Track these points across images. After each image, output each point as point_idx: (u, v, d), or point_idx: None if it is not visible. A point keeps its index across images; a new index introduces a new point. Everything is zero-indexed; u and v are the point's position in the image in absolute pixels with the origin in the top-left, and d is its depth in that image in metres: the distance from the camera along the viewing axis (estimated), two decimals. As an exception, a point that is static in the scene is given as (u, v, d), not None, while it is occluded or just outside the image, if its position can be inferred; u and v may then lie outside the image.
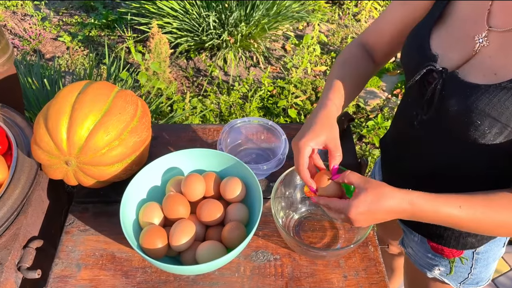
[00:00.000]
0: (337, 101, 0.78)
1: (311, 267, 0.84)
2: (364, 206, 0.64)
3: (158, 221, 0.81)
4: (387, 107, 2.44)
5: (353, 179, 0.67)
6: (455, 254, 0.90)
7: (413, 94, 0.78)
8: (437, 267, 0.94)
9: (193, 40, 2.59)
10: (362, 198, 0.64)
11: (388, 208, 0.64)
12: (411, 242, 0.97)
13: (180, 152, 0.87)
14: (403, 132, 0.86)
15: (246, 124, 1.01)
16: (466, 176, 0.76)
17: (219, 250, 0.78)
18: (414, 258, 0.99)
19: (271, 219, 0.91)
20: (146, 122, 0.90)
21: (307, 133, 0.72)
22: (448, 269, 0.93)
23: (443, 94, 0.69)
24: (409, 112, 0.81)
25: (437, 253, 0.92)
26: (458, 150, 0.74)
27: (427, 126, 0.76)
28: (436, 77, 0.69)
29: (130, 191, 0.81)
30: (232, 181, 0.85)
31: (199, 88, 2.55)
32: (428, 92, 0.71)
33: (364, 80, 0.87)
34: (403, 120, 0.86)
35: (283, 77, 2.62)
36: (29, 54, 2.75)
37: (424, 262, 0.96)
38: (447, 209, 0.64)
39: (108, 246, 0.85)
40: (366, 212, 0.65)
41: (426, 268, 0.96)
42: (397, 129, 0.90)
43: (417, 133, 0.80)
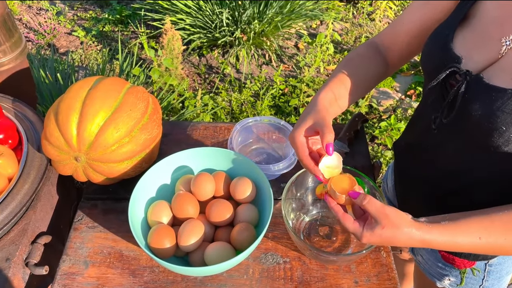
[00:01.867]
0: (336, 90, 0.77)
1: (321, 271, 0.82)
2: (377, 239, 0.63)
3: (167, 220, 0.80)
4: (401, 108, 2.41)
5: (370, 208, 0.64)
6: (466, 264, 0.87)
7: (433, 97, 0.75)
8: (447, 277, 0.91)
9: (206, 37, 2.58)
10: (377, 232, 0.63)
11: (401, 243, 0.63)
12: (421, 250, 0.95)
13: (190, 151, 0.86)
14: (419, 137, 0.83)
15: (258, 123, 1.00)
16: (484, 185, 0.73)
17: (228, 251, 0.77)
18: (424, 266, 0.96)
19: (281, 220, 0.89)
20: (157, 119, 0.89)
21: (298, 126, 0.71)
22: (458, 279, 0.90)
23: (466, 98, 0.66)
24: (427, 115, 0.78)
25: (447, 263, 0.89)
26: (478, 157, 0.71)
27: (446, 131, 0.74)
28: (460, 80, 0.66)
29: (139, 188, 0.80)
30: (242, 181, 0.84)
31: (211, 85, 2.54)
32: (450, 95, 0.68)
33: (372, 81, 0.84)
34: (420, 124, 0.83)
35: (295, 76, 2.60)
36: (43, 48, 2.77)
37: (434, 271, 0.94)
38: (466, 240, 0.62)
39: (116, 244, 0.84)
40: (378, 242, 0.64)
41: (435, 278, 0.94)
42: (413, 133, 0.87)
43: (434, 138, 0.77)
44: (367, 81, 0.83)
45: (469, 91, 0.65)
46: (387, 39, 0.85)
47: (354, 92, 0.79)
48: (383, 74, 0.85)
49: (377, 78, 0.85)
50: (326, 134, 0.68)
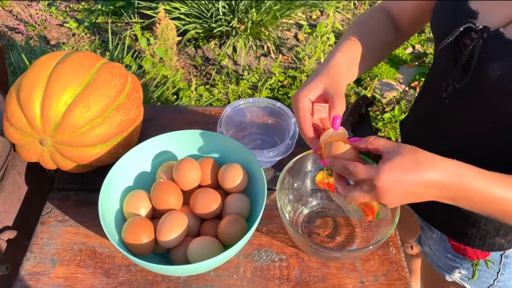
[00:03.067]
0: (348, 53, 0.67)
1: (322, 270, 0.72)
2: (398, 172, 0.50)
3: (145, 212, 0.70)
4: (404, 99, 2.30)
5: (380, 143, 0.54)
6: (479, 255, 0.77)
7: (445, 61, 0.66)
8: (458, 269, 0.81)
9: (202, 27, 2.47)
10: (396, 162, 0.50)
11: (428, 179, 0.50)
12: (429, 240, 0.85)
13: (173, 134, 0.76)
14: (429, 111, 0.74)
15: (251, 106, 0.90)
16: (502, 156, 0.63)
17: (215, 247, 0.67)
18: (431, 258, 0.86)
19: (276, 213, 0.79)
20: (136, 100, 0.79)
21: (305, 85, 0.61)
22: (470, 272, 0.80)
23: (483, 57, 0.57)
24: (437, 85, 0.69)
25: (458, 254, 0.79)
26: (495, 125, 0.62)
27: (459, 98, 0.65)
28: (475, 38, 0.58)
29: (113, 176, 0.70)
30: (232, 168, 0.74)
31: (207, 77, 2.44)
32: (464, 56, 0.59)
33: (384, 48, 0.75)
34: (430, 97, 0.74)
35: (294, 68, 2.50)
36: (33, 40, 2.67)
37: (443, 263, 0.83)
38: (500, 191, 0.51)
39: (88, 240, 0.74)
40: (400, 181, 0.50)
41: (445, 270, 0.84)
42: (422, 108, 0.78)
43: (446, 108, 0.68)
44: (380, 48, 0.74)
45: (486, 49, 0.57)
46: (396, 3, 0.76)
47: (367, 58, 0.69)
48: (394, 41, 0.76)
49: (389, 45, 0.75)
50: (337, 104, 0.58)
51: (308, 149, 0.74)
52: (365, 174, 0.53)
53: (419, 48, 2.61)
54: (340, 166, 0.56)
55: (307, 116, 0.60)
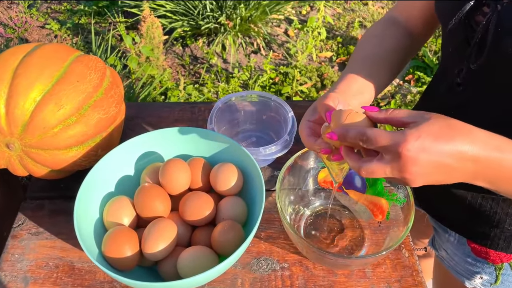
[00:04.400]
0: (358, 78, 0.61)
1: (328, 278, 0.65)
2: (429, 139, 0.41)
3: (128, 221, 0.62)
4: (399, 93, 2.25)
5: (402, 113, 0.45)
6: (503, 258, 0.70)
7: (455, 43, 0.60)
8: (479, 274, 0.74)
9: (189, 25, 2.39)
10: (426, 127, 0.42)
11: (464, 151, 0.42)
12: (446, 243, 0.78)
13: (158, 132, 0.68)
14: (439, 101, 0.67)
15: (244, 101, 0.82)
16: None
17: (209, 258, 0.59)
18: (448, 263, 0.79)
19: (276, 216, 0.72)
20: (116, 96, 0.71)
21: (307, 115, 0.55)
22: (493, 277, 0.73)
23: (499, 32, 0.51)
24: (449, 70, 0.63)
25: (479, 257, 0.72)
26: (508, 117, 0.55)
27: (474, 82, 0.58)
28: (488, 12, 0.52)
29: (91, 181, 0.62)
30: (225, 168, 0.66)
31: (196, 76, 2.36)
32: (477, 33, 0.53)
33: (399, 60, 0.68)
34: (440, 86, 0.67)
35: (286, 64, 2.43)
36: (13, 42, 2.57)
37: (462, 268, 0.76)
38: None
39: (66, 254, 0.66)
40: (430, 150, 0.41)
41: (464, 276, 0.77)
42: (432, 100, 0.71)
43: (459, 96, 0.62)
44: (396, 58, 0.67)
45: (501, 22, 0.50)
46: (403, 7, 0.71)
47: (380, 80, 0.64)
48: (409, 47, 0.70)
49: (403, 55, 0.69)
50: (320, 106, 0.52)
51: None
52: (389, 140, 0.42)
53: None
54: (355, 132, 0.44)
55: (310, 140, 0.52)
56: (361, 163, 0.45)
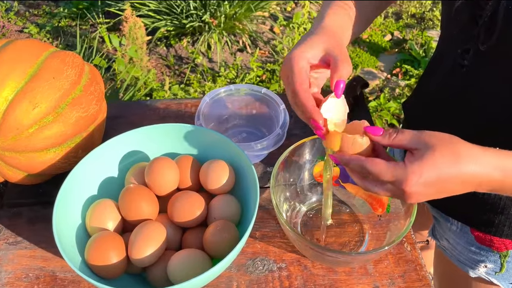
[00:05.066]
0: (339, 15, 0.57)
1: (329, 276, 0.61)
2: (433, 172, 0.41)
3: (113, 226, 0.58)
4: (388, 87, 2.23)
5: (404, 139, 0.44)
6: (508, 245, 0.68)
7: (460, 24, 0.57)
8: (483, 263, 0.72)
9: (172, 24, 2.35)
10: (429, 160, 0.41)
11: (466, 176, 0.42)
12: (447, 233, 0.75)
13: (143, 130, 0.64)
14: (440, 85, 0.64)
15: (232, 95, 0.78)
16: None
17: (201, 261, 0.55)
18: (451, 253, 0.76)
19: (271, 214, 0.68)
20: (96, 92, 0.66)
21: (300, 44, 0.50)
22: (498, 265, 0.70)
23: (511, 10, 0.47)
24: (451, 52, 0.60)
25: (484, 246, 0.70)
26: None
27: (480, 64, 0.55)
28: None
29: (71, 185, 0.57)
30: (215, 165, 0.62)
31: (181, 76, 2.31)
32: (486, 11, 0.50)
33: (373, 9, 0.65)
34: (442, 67, 0.64)
35: (273, 61, 2.40)
36: (-10, 48, 2.48)
37: (465, 257, 0.74)
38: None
39: (47, 264, 0.61)
40: (434, 182, 0.42)
41: (468, 266, 0.74)
42: (432, 82, 0.68)
43: (463, 79, 0.59)
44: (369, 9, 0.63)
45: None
46: None
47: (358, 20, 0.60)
48: None
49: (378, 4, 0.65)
50: (341, 66, 0.48)
51: (301, 138, 0.64)
52: (391, 177, 0.43)
53: (398, 35, 2.55)
54: (357, 166, 0.45)
55: (305, 79, 0.48)
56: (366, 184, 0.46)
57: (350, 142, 0.46)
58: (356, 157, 0.46)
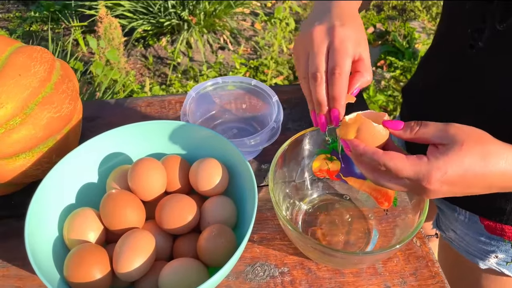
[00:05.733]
0: None
1: (336, 279, 0.56)
2: (459, 169, 0.38)
3: (95, 237, 0.52)
4: (374, 80, 2.21)
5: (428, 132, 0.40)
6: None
7: (470, 4, 0.52)
8: (494, 253, 0.68)
9: (150, 24, 2.27)
10: (456, 156, 0.38)
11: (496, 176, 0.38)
12: (454, 223, 0.71)
13: (124, 129, 0.58)
14: (447, 68, 0.60)
15: (221, 89, 0.73)
16: None
17: (196, 271, 0.50)
18: (458, 244, 0.73)
19: (269, 215, 0.63)
20: (69, 91, 0.60)
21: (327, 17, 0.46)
22: (509, 255, 0.67)
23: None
24: (459, 32, 0.55)
25: (494, 235, 0.66)
26: None
27: (498, 46, 0.51)
28: None
29: (45, 194, 0.51)
30: (207, 164, 0.57)
31: (162, 77, 2.24)
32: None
33: None
34: (447, 53, 0.60)
35: (255, 58, 2.35)
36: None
37: (474, 248, 0.70)
38: None
39: (22, 284, 0.54)
40: (458, 181, 0.38)
41: (477, 257, 0.70)
42: (438, 64, 0.64)
43: (473, 62, 0.55)
44: None
45: None
46: None
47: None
48: None
49: None
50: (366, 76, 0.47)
51: (296, 131, 0.59)
52: (412, 173, 0.39)
53: (380, 27, 2.54)
54: (371, 159, 0.41)
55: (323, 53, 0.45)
56: (378, 177, 0.42)
57: (372, 132, 0.42)
58: (372, 149, 0.41)
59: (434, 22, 2.56)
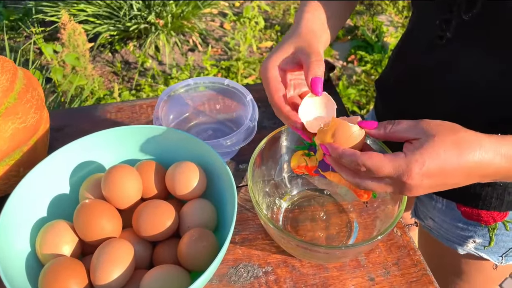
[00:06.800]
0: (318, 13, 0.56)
1: (320, 274, 0.56)
2: (436, 161, 0.38)
3: (70, 250, 0.49)
4: (345, 75, 2.24)
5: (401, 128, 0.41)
6: (496, 218, 0.66)
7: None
8: (472, 239, 0.70)
9: (115, 28, 2.22)
10: (430, 149, 0.38)
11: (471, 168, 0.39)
12: (432, 211, 0.72)
13: (94, 136, 0.56)
14: (417, 60, 0.61)
15: (193, 91, 0.72)
16: None
17: (178, 277, 0.48)
18: (437, 232, 0.74)
19: (249, 215, 0.62)
20: (34, 100, 0.57)
21: (273, 52, 0.51)
22: (486, 239, 0.69)
23: None
24: (428, 24, 0.56)
25: (471, 221, 0.68)
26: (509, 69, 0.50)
27: (464, 35, 0.52)
28: None
29: (14, 208, 0.48)
30: (183, 167, 0.55)
31: (130, 83, 2.20)
32: None
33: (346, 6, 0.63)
34: (417, 41, 0.61)
35: (226, 59, 2.33)
36: None
37: (453, 234, 0.71)
38: None
39: (-7, 305, 0.51)
40: (437, 173, 0.39)
41: (456, 243, 0.72)
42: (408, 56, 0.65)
43: (443, 51, 0.55)
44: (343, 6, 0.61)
45: None
46: None
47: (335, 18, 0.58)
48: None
49: None
50: (313, 63, 0.46)
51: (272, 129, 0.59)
52: (391, 169, 0.39)
53: (349, 22, 2.57)
54: (350, 161, 0.41)
55: (278, 87, 0.49)
56: (360, 180, 0.43)
57: (348, 133, 0.43)
58: (350, 150, 0.42)
59: (401, 15, 2.62)
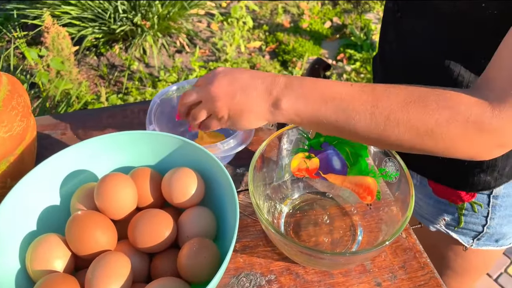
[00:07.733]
0: None
1: (325, 281, 0.54)
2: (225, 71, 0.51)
3: (62, 265, 0.47)
4: (335, 74, 2.23)
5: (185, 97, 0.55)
6: (464, 198, 0.65)
7: None
8: (442, 216, 0.70)
9: (101, 31, 2.17)
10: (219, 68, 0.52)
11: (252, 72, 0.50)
12: None
13: (85, 144, 0.53)
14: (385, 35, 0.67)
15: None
16: None
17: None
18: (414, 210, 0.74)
19: (248, 221, 0.60)
20: (19, 107, 0.54)
21: None
22: (455, 219, 0.68)
23: None
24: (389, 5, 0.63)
25: (441, 198, 0.67)
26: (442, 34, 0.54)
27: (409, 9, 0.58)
28: None
29: (1, 221, 0.45)
30: (180, 174, 0.53)
31: (117, 86, 2.15)
32: None
33: None
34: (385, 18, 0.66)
35: (214, 60, 2.30)
36: None
37: (425, 211, 0.72)
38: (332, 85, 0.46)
39: (-19, 327, 0.48)
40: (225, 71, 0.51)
41: (428, 220, 0.73)
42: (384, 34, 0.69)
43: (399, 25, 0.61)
44: None
45: None
46: None
47: None
48: None
49: None
50: None
51: (270, 132, 0.57)
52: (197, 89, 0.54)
53: (337, 21, 2.57)
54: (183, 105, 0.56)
55: None
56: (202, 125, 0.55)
57: None
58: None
59: (386, 13, 2.62)
